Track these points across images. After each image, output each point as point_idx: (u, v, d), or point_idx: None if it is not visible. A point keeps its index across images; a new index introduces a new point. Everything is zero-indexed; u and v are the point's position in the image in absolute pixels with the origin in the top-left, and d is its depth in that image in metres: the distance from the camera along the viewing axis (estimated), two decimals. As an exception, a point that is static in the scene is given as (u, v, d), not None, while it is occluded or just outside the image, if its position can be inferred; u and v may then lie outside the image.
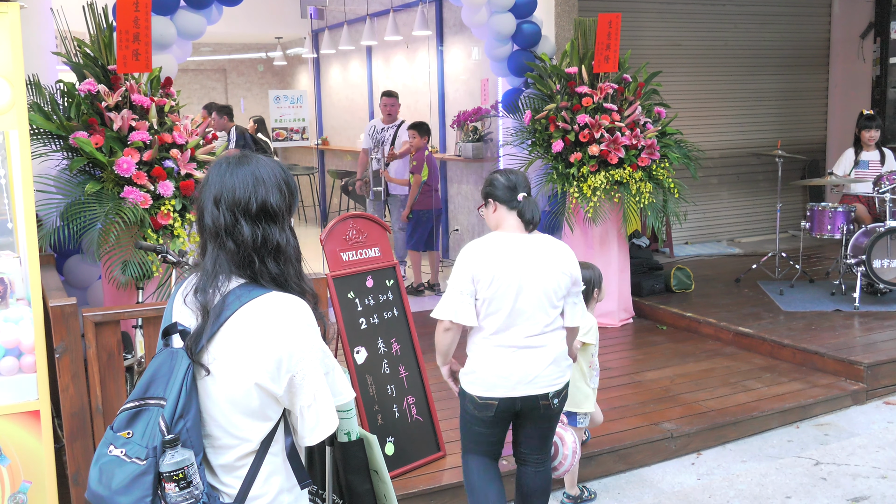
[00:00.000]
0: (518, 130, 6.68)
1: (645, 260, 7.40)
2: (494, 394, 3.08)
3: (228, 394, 1.80)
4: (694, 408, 4.84)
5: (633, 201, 6.30)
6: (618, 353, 5.99)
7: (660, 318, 6.78)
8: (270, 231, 1.85)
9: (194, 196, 4.63)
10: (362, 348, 3.99)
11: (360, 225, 4.15)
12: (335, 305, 3.91)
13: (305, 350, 1.81)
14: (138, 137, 4.51)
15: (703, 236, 9.66)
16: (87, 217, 4.34)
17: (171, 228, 4.58)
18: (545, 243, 3.12)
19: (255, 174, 1.86)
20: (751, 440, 4.69)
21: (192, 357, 1.80)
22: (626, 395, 5.06)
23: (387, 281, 4.20)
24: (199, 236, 1.92)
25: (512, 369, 3.06)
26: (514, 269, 3.04)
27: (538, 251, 3.08)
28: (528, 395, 3.08)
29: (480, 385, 3.11)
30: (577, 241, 6.56)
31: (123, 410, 1.84)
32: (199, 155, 4.79)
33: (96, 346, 3.37)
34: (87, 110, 4.57)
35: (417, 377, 4.20)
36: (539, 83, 6.57)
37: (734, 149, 9.62)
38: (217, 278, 1.84)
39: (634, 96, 6.44)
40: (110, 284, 4.51)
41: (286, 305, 1.83)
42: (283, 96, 8.96)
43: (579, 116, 6.22)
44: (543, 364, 3.08)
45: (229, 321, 1.80)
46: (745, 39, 9.51)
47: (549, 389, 3.10)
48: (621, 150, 6.20)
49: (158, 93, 4.87)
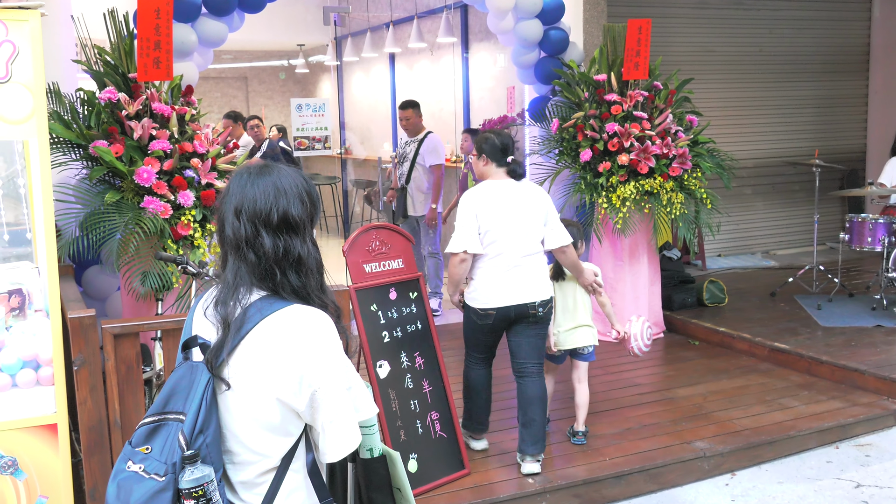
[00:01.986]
0: (545, 139, 6.67)
1: (676, 273, 7.35)
2: (493, 304, 4.06)
3: (249, 409, 1.80)
4: (728, 426, 4.78)
5: (664, 212, 6.26)
6: (648, 369, 5.95)
7: (692, 332, 6.72)
8: (292, 243, 1.85)
9: (215, 206, 4.66)
10: (385, 362, 3.99)
11: (383, 236, 4.16)
12: (357, 318, 3.91)
13: (328, 365, 1.81)
14: (159, 146, 4.55)
15: (736, 248, 9.57)
16: (106, 227, 4.38)
17: (192, 239, 4.61)
18: (527, 187, 4.17)
19: (277, 185, 1.86)
20: (788, 461, 4.62)
21: (212, 371, 1.80)
22: (657, 413, 5.02)
23: (410, 293, 4.20)
24: (220, 248, 1.93)
25: (506, 284, 4.03)
26: (505, 207, 4.07)
27: (522, 193, 4.12)
28: (518, 303, 4.03)
29: (482, 299, 4.08)
30: (605, 253, 6.52)
31: (142, 425, 1.84)
32: (220, 164, 4.82)
33: (115, 358, 3.39)
34: (107, 119, 4.62)
35: (442, 392, 4.18)
36: (567, 91, 6.56)
37: (769, 158, 9.54)
38: (238, 290, 1.84)
39: (665, 104, 6.41)
40: (129, 296, 4.54)
41: (308, 319, 1.83)
42: (305, 104, 9.02)
43: (608, 125, 6.20)
44: (530, 279, 4.06)
45: (250, 334, 1.80)
46: (780, 45, 9.45)
47: (536, 299, 4.07)
48: (652, 159, 6.17)
49: (179, 101, 4.92)
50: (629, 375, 5.76)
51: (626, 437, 4.65)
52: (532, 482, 4.01)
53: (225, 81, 16.83)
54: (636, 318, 4.63)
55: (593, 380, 5.64)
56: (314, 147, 8.90)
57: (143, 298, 4.51)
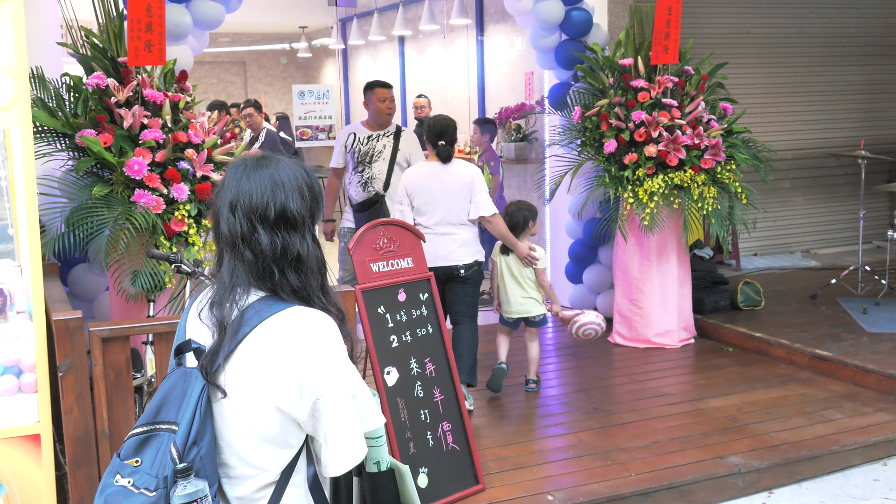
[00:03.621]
0: (566, 129, 6.65)
1: (708, 273, 7.33)
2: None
3: (246, 418, 1.80)
4: (764, 440, 4.76)
5: (695, 208, 6.24)
6: (677, 378, 5.93)
7: (725, 338, 6.70)
8: (290, 240, 1.85)
9: (210, 201, 4.67)
10: (393, 369, 3.99)
11: (391, 233, 4.16)
12: (364, 321, 3.91)
13: (331, 371, 1.81)
14: (151, 136, 4.57)
15: (774, 247, 9.54)
16: (94, 223, 4.40)
17: (186, 236, 4.62)
18: (455, 166, 5.16)
19: (274, 177, 1.87)
20: (830, 478, 4.60)
21: (207, 378, 1.80)
22: (687, 425, 5.00)
23: (421, 294, 4.20)
24: (216, 245, 1.93)
25: (435, 249, 5.01)
26: (433, 183, 5.11)
27: (449, 171, 5.14)
28: (445, 265, 5.08)
29: None
30: (631, 251, 6.51)
31: (132, 436, 1.84)
32: (216, 155, 4.84)
33: (103, 364, 3.40)
34: (95, 106, 4.64)
35: (454, 401, 4.18)
36: (590, 76, 6.54)
37: (810, 149, 9.49)
38: (234, 291, 1.84)
39: (697, 91, 6.39)
40: (119, 296, 4.56)
41: (310, 321, 1.83)
42: (307, 91, 9.03)
43: (635, 113, 6.18)
44: (454, 245, 5.10)
45: (248, 338, 1.80)
46: (823, 26, 9.39)
47: (460, 262, 5.10)
48: (682, 150, 6.15)
49: (173, 87, 4.93)
50: (656, 384, 5.74)
51: (653, 451, 4.63)
52: (552, 499, 4.00)
53: (222, 66, 16.89)
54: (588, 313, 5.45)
55: (617, 388, 5.68)
56: (317, 137, 8.90)
57: (134, 299, 4.52)
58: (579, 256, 7.25)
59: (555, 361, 6.38)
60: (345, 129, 6.47)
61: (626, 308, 6.61)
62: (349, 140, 6.32)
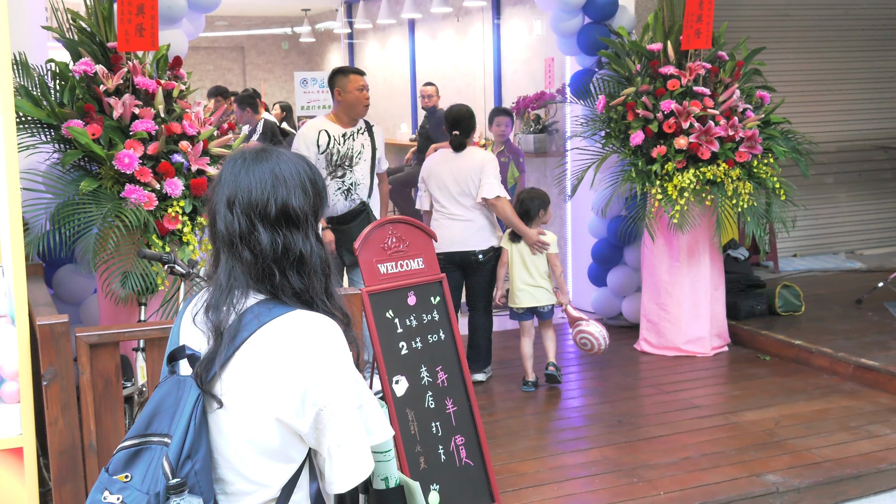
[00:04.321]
0: (589, 119, 6.64)
1: (743, 276, 7.31)
2: (441, 249, 5.38)
3: (244, 431, 1.81)
4: (805, 457, 4.75)
5: (730, 204, 6.22)
6: (710, 388, 5.92)
7: (761, 346, 6.68)
8: (292, 238, 1.86)
9: (206, 196, 4.68)
10: (402, 378, 3.99)
11: (401, 231, 4.16)
12: (371, 326, 3.92)
13: (335, 379, 1.81)
14: (142, 127, 4.58)
15: (815, 247, 9.51)
16: (81, 220, 4.42)
17: (180, 234, 4.64)
18: (467, 152, 5.82)
19: (275, 172, 1.87)
20: (878, 499, 4.57)
21: (202, 387, 1.81)
22: (721, 440, 4.99)
23: (432, 298, 4.20)
24: (212, 244, 1.94)
25: (449, 233, 5.64)
26: (445, 170, 5.79)
27: (461, 158, 5.80)
28: (461, 250, 5.70)
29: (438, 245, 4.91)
30: (660, 252, 6.49)
31: (121, 449, 1.85)
32: (212, 148, 4.85)
33: (91, 372, 3.42)
34: (82, 95, 4.66)
35: (468, 413, 4.18)
36: (615, 63, 6.53)
37: (856, 141, 9.45)
38: (232, 294, 1.85)
39: (731, 78, 6.37)
40: (108, 299, 4.58)
41: (312, 326, 1.83)
42: (310, 79, 9.05)
43: (664, 102, 6.17)
44: (472, 231, 5.74)
45: (246, 344, 1.81)
46: (870, 6, 9.34)
47: (476, 248, 5.72)
48: (715, 142, 6.13)
49: (166, 75, 4.95)
50: (687, 395, 5.73)
51: (684, 468, 4.62)
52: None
53: (218, 52, 16.94)
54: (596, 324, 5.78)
55: (644, 399, 5.69)
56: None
57: (124, 303, 4.54)
58: (603, 257, 7.24)
59: (577, 370, 6.37)
60: (310, 126, 5.75)
61: (653, 313, 6.59)
62: (321, 139, 5.63)
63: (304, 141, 5.68)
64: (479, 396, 4.37)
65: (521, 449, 4.90)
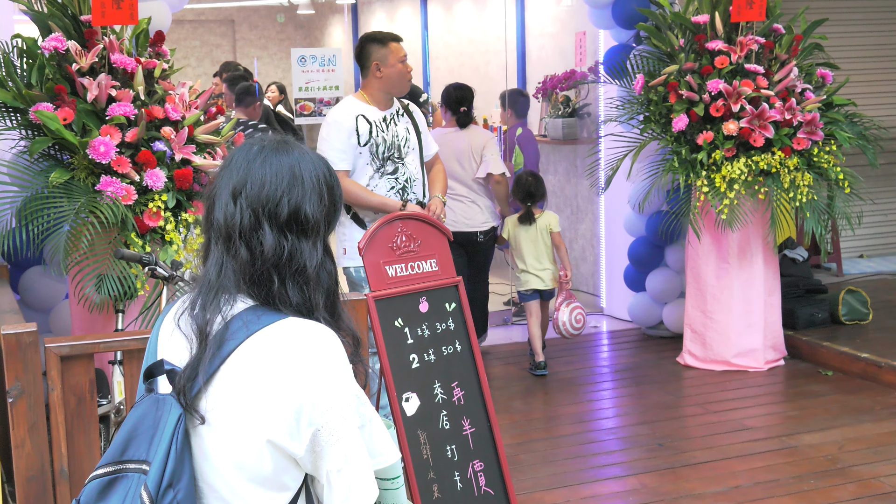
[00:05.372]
0: (625, 102, 6.64)
1: (802, 279, 7.30)
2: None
3: (232, 454, 1.80)
4: (873, 485, 4.73)
5: (786, 198, 6.20)
6: (763, 407, 5.91)
7: (822, 359, 6.66)
8: (300, 247, 1.86)
9: (193, 188, 4.68)
10: (413, 395, 3.99)
11: (411, 229, 4.15)
12: (378, 337, 3.91)
13: (335, 396, 1.81)
14: (120, 111, 4.59)
15: (884, 247, 9.48)
16: (51, 216, 4.43)
17: (162, 232, 4.64)
18: (470, 130, 6.71)
19: (294, 170, 1.88)
20: (953, 532, 4.55)
21: (184, 404, 1.80)
22: (777, 466, 4.97)
23: (447, 304, 4.19)
24: (204, 235, 1.93)
25: (457, 213, 6.48)
26: (447, 149, 6.23)
27: (462, 137, 6.63)
28: (466, 231, 6.50)
29: None
30: (706, 252, 6.47)
31: (94, 478, 1.85)
32: (198, 135, 4.86)
33: (62, 387, 3.42)
34: (52, 75, 4.67)
35: (487, 434, 4.17)
36: (655, 37, 6.52)
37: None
38: (219, 296, 1.84)
39: (788, 54, 6.35)
40: (81, 306, 4.59)
41: (308, 335, 1.82)
42: (309, 56, 9.04)
43: (711, 82, 6.15)
44: (475, 212, 6.60)
45: (233, 356, 1.80)
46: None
47: (478, 229, 6.60)
48: (769, 127, 6.11)
49: (146, 52, 4.96)
50: (737, 415, 5.71)
51: (734, 498, 4.62)
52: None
53: (206, 26, 16.99)
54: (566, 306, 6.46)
55: (688, 420, 5.70)
56: (321, 112, 8.92)
57: (99, 309, 4.55)
58: (641, 258, 7.22)
59: (611, 387, 6.36)
60: (343, 111, 5.21)
61: (699, 322, 6.57)
62: (360, 126, 5.12)
63: (340, 131, 5.12)
64: (500, 416, 4.35)
65: (547, 475, 4.90)
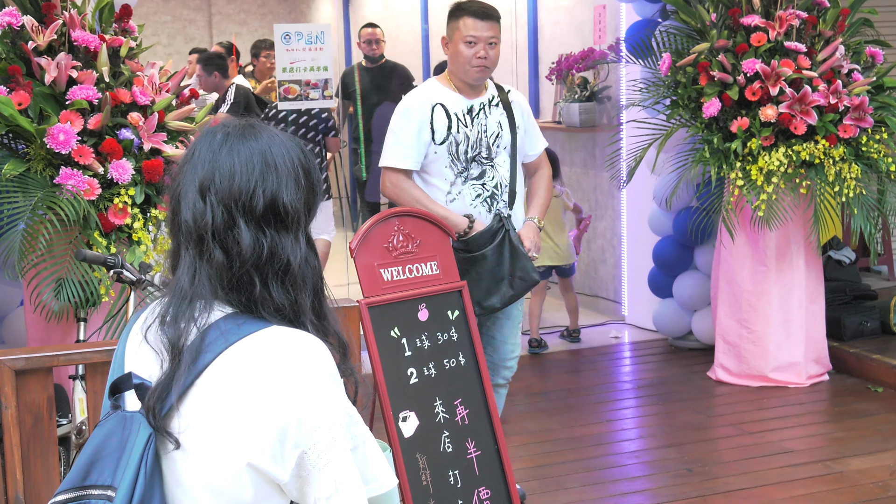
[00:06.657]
0: (650, 84, 6.64)
1: (849, 284, 7.30)
2: None
3: (208, 480, 1.81)
4: (927, 516, 4.73)
5: (831, 193, 6.19)
6: (805, 428, 5.91)
7: (872, 374, 6.66)
8: (280, 241, 1.86)
9: (164, 182, 4.69)
10: (411, 414, 3.99)
11: (409, 227, 4.16)
12: (371, 348, 3.92)
13: (323, 414, 1.81)
14: (81, 95, 4.59)
15: (941, 248, 9.43)
16: (4, 213, 4.44)
17: (129, 231, 4.65)
18: None
19: (266, 155, 1.88)
20: None
21: (154, 424, 1.81)
22: (821, 494, 4.98)
23: (449, 312, 4.20)
24: (172, 238, 1.93)
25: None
26: None
27: None
28: None
29: None
30: (741, 253, 6.47)
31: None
32: (170, 122, 4.86)
33: (17, 405, 3.43)
34: (5, 54, 4.68)
35: (495, 458, 4.18)
36: (684, 11, 6.52)
37: None
38: (193, 305, 1.85)
39: (834, 31, 6.35)
40: (37, 314, 4.59)
41: (293, 346, 1.83)
42: (294, 33, 9.05)
43: (746, 62, 6.15)
44: None
45: (209, 369, 1.81)
46: None
47: None
48: (812, 113, 6.10)
49: (111, 28, 4.96)
50: (776, 437, 5.71)
51: (772, 530, 4.62)
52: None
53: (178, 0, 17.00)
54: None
55: (721, 442, 5.71)
56: (308, 95, 8.93)
57: (58, 318, 4.56)
58: (668, 260, 7.23)
59: (634, 405, 6.36)
60: (418, 99, 4.74)
61: (733, 332, 6.57)
62: (437, 121, 4.65)
63: (410, 122, 4.66)
64: (509, 438, 4.36)
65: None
